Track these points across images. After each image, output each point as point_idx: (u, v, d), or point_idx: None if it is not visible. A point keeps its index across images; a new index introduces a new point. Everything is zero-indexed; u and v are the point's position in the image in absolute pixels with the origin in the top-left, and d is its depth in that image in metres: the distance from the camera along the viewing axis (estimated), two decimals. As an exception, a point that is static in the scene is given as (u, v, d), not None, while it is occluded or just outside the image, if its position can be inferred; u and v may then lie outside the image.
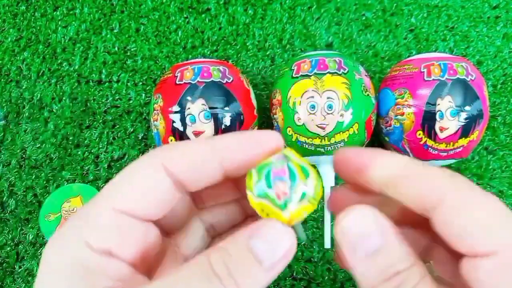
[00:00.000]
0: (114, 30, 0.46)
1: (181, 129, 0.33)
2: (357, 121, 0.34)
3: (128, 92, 0.44)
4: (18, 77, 0.45)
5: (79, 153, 0.42)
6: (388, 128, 0.36)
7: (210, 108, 0.33)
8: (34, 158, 0.42)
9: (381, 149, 0.18)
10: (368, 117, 0.35)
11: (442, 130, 0.34)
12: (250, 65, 0.45)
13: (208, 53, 0.45)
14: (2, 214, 0.40)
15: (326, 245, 0.37)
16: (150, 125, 0.36)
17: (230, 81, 0.35)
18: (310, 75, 0.34)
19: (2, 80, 0.45)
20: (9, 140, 0.43)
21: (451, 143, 0.34)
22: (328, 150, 0.35)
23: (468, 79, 0.34)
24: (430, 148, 0.34)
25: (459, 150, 0.35)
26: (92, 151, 0.42)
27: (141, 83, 0.44)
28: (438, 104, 0.33)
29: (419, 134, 0.34)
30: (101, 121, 0.43)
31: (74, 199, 0.39)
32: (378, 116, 0.37)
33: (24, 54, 0.45)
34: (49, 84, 0.44)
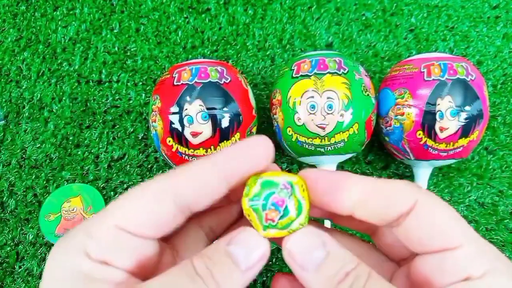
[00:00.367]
0: (114, 30, 0.46)
1: (179, 130, 0.33)
2: (357, 121, 0.34)
3: (128, 92, 0.44)
4: (18, 77, 0.45)
5: (79, 153, 0.42)
6: (388, 128, 0.36)
7: (207, 108, 0.33)
8: (34, 158, 0.42)
9: (348, 172, 0.19)
10: (368, 117, 0.35)
11: (442, 130, 0.34)
12: (250, 65, 0.45)
13: (208, 53, 0.45)
14: (2, 214, 0.40)
15: None
16: (149, 125, 0.36)
17: (228, 81, 0.34)
18: (310, 75, 0.34)
19: (2, 80, 0.45)
20: (9, 140, 0.43)
21: (451, 143, 0.34)
22: (328, 150, 0.35)
23: (468, 79, 0.34)
24: (430, 148, 0.34)
25: (459, 150, 0.35)
26: (92, 151, 0.42)
27: (141, 83, 0.44)
28: (438, 104, 0.33)
29: (419, 134, 0.34)
30: (101, 121, 0.43)
31: (74, 199, 0.39)
32: (378, 116, 0.37)
33: (24, 54, 0.45)
34: (49, 84, 0.44)
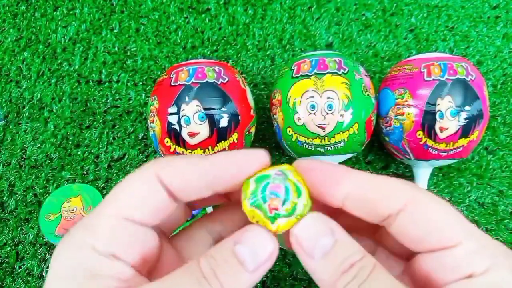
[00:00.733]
0: (114, 30, 0.46)
1: (177, 130, 0.33)
2: (357, 121, 0.34)
3: (128, 92, 0.44)
4: (18, 77, 0.45)
5: (79, 153, 0.42)
6: (388, 128, 0.36)
7: (204, 109, 0.33)
8: (34, 158, 0.42)
9: (343, 166, 0.19)
10: (368, 117, 0.35)
11: (442, 130, 0.33)
12: (250, 65, 0.45)
13: (208, 53, 0.45)
14: (2, 214, 0.40)
15: None
16: (148, 126, 0.36)
17: (225, 81, 0.34)
18: (310, 75, 0.34)
19: (2, 80, 0.45)
20: (9, 140, 0.43)
21: (451, 143, 0.34)
22: (328, 150, 0.34)
23: (468, 79, 0.34)
24: (430, 148, 0.34)
25: (459, 150, 0.34)
26: (92, 151, 0.42)
27: (141, 83, 0.44)
28: (438, 104, 0.33)
29: (419, 134, 0.34)
30: (101, 121, 0.43)
31: (74, 199, 0.39)
32: (378, 116, 0.37)
33: (24, 54, 0.45)
34: (49, 84, 0.44)
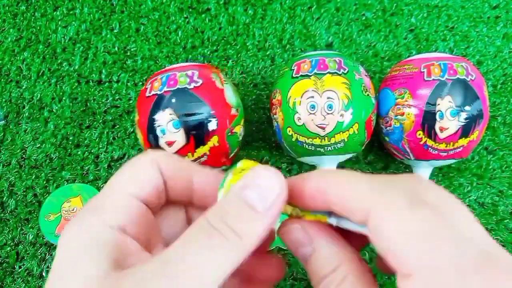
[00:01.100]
0: (114, 30, 0.46)
1: (153, 142, 0.33)
2: (357, 121, 0.34)
3: (128, 92, 0.44)
4: (18, 77, 0.45)
5: (79, 153, 0.42)
6: (388, 128, 0.36)
7: (179, 116, 0.33)
8: (34, 158, 0.42)
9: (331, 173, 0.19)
10: (368, 117, 0.35)
11: (442, 130, 0.33)
12: (250, 65, 0.45)
13: (208, 53, 0.45)
14: (2, 214, 0.40)
15: None
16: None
17: (198, 84, 0.33)
18: (310, 75, 0.34)
19: (2, 80, 0.44)
20: (9, 140, 0.42)
21: (451, 143, 0.34)
22: (328, 150, 0.34)
23: (468, 79, 0.34)
24: (430, 148, 0.34)
25: (459, 150, 0.34)
26: (92, 151, 0.42)
27: (141, 83, 0.44)
28: (438, 104, 0.33)
29: (419, 134, 0.34)
30: (101, 121, 0.43)
31: (74, 199, 0.39)
32: (378, 116, 0.37)
33: (24, 54, 0.45)
34: (49, 84, 0.44)
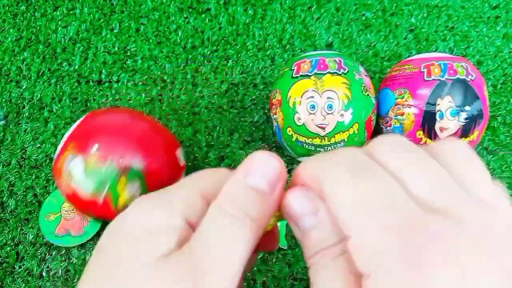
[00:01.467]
0: (114, 30, 0.46)
1: None
2: (357, 121, 0.34)
3: (128, 92, 0.43)
4: (18, 77, 0.44)
5: (79, 153, 0.42)
6: (388, 128, 0.36)
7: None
8: (34, 158, 0.41)
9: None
10: (368, 117, 0.35)
11: (442, 130, 0.33)
12: (250, 65, 0.44)
13: (208, 53, 0.45)
14: (2, 214, 0.40)
15: None
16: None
17: None
18: (310, 75, 0.34)
19: (2, 80, 0.44)
20: (9, 140, 0.42)
21: None
22: (328, 150, 0.34)
23: (468, 79, 0.33)
24: None
25: None
26: (92, 151, 0.42)
27: (141, 83, 0.44)
28: (438, 104, 0.33)
29: (419, 134, 0.34)
30: (101, 121, 0.42)
31: (74, 199, 0.39)
32: (378, 116, 0.37)
33: (24, 54, 0.45)
34: (49, 84, 0.44)
